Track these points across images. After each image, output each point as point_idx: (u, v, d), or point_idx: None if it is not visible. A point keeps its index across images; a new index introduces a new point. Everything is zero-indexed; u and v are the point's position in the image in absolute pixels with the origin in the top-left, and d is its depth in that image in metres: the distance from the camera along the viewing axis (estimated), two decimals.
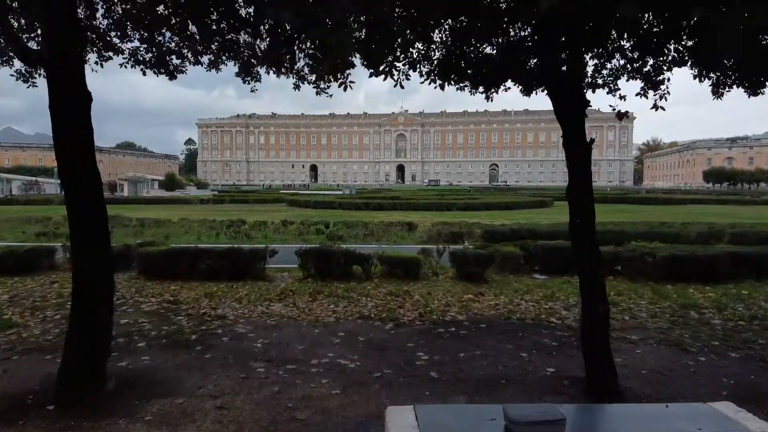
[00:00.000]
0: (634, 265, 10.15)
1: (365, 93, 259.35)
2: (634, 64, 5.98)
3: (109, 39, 5.30)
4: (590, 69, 5.99)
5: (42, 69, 4.94)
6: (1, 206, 37.45)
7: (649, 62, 5.79)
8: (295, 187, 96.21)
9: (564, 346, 6.22)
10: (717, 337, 6.64)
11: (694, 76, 6.03)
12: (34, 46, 5.15)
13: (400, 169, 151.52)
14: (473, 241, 14.41)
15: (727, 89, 6.08)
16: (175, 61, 5.48)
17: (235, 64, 5.92)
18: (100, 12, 5.29)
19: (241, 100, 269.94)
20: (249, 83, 5.99)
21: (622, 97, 5.95)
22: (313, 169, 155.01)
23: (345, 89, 4.45)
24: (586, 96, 5.00)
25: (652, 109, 6.03)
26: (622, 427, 2.17)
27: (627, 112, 5.66)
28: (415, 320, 7.29)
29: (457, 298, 8.56)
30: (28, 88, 5.70)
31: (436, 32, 4.97)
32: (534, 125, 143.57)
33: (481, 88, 6.15)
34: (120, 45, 5.50)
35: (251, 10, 4.71)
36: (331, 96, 5.18)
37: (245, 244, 12.33)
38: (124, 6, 5.21)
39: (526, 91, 6.39)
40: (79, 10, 4.94)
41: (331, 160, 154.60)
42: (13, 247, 11.28)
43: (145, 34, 5.25)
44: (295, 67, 5.64)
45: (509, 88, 6.41)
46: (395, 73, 5.28)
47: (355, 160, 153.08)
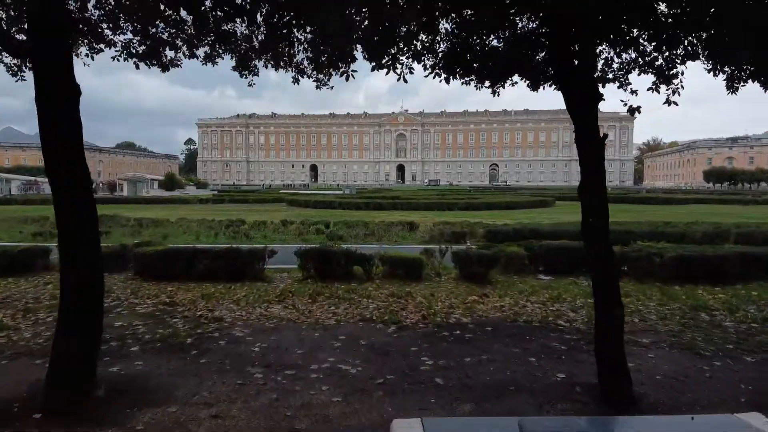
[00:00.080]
0: (641, 266, 9.95)
1: (365, 93, 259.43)
2: (646, 58, 5.79)
3: (100, 30, 5.07)
4: (600, 63, 5.79)
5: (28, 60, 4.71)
6: None
7: (662, 56, 5.61)
8: (295, 187, 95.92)
9: (573, 350, 6.01)
10: (730, 340, 6.44)
11: (708, 71, 5.85)
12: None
13: (400, 169, 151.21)
14: (476, 241, 14.20)
15: (742, 84, 5.89)
16: (169, 53, 5.26)
17: (232, 58, 5.71)
18: (91, 2, 5.07)
19: (241, 100, 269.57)
20: (246, 77, 5.79)
21: (633, 92, 5.75)
22: (313, 169, 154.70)
23: (347, 78, 4.24)
24: (599, 89, 4.77)
25: (664, 104, 5.79)
26: None
27: (639, 107, 5.45)
28: (418, 323, 7.08)
29: (461, 299, 8.34)
30: (17, 82, 5.50)
31: (442, 22, 4.74)
32: (534, 125, 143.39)
33: (487, 83, 5.94)
34: (112, 37, 5.29)
35: None
36: (332, 87, 4.96)
37: (244, 244, 12.12)
38: None
39: (534, 86, 6.18)
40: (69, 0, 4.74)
41: (331, 160, 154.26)
42: (7, 248, 11.06)
43: (138, 25, 5.02)
44: (294, 60, 5.44)
45: (516, 82, 6.21)
46: (398, 66, 5.08)
47: (355, 160, 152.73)
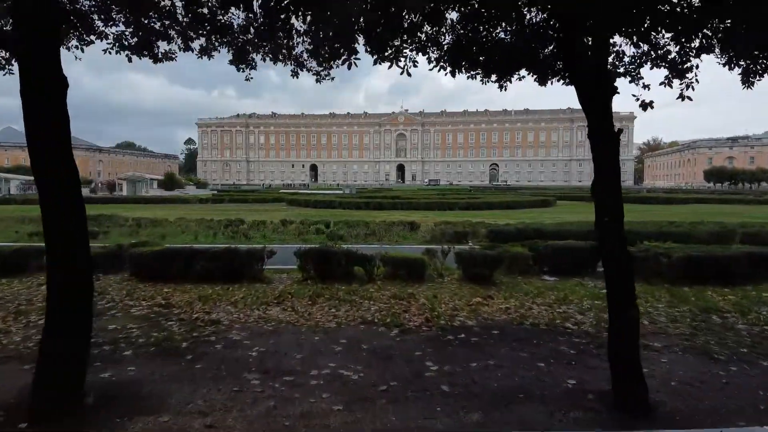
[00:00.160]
0: (648, 266, 9.73)
1: (365, 93, 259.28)
2: (659, 51, 5.59)
3: (90, 21, 4.85)
4: (611, 57, 5.58)
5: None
6: None
7: (675, 49, 5.41)
8: (295, 186, 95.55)
9: (583, 354, 5.79)
10: (745, 343, 6.23)
11: (723, 64, 5.64)
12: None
13: (401, 168, 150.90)
14: (478, 241, 13.98)
15: (758, 78, 5.67)
16: (163, 45, 5.04)
17: (228, 51, 5.49)
18: None
19: (241, 100, 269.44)
20: (244, 71, 5.58)
21: (646, 86, 5.54)
22: (313, 168, 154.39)
23: (349, 67, 4.03)
24: (613, 82, 4.55)
25: (678, 99, 5.62)
26: None
27: (651, 102, 5.23)
28: (421, 326, 6.85)
29: (465, 301, 8.12)
30: (4, 75, 5.30)
31: (448, 12, 4.53)
32: (534, 125, 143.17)
33: (493, 77, 5.74)
34: (103, 29, 5.07)
35: None
36: (332, 79, 4.74)
37: (243, 244, 11.90)
38: None
39: (542, 80, 5.98)
40: None
41: (331, 160, 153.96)
42: (0, 248, 10.84)
43: (130, 15, 4.80)
44: (293, 52, 5.22)
45: (523, 77, 6.01)
46: (402, 59, 4.86)
47: (355, 159, 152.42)
